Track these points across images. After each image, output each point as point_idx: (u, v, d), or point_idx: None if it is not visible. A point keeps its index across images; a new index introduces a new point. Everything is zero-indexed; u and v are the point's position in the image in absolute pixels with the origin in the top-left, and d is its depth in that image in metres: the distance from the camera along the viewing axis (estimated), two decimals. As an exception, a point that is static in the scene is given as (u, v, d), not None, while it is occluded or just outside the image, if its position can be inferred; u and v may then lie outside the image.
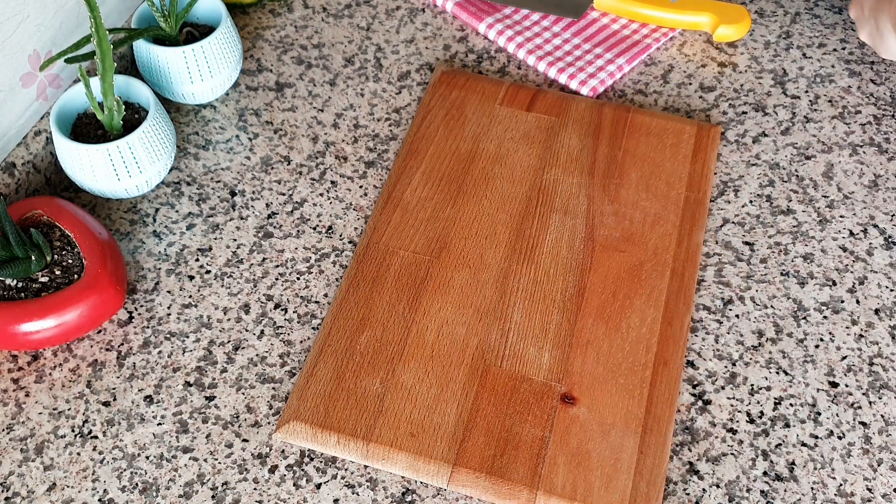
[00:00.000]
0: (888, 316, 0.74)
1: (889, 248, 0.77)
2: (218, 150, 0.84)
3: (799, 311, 0.74)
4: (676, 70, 0.91)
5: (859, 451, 0.67)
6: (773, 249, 0.77)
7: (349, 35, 0.94)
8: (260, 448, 0.67)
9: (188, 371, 0.71)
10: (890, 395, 0.69)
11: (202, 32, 0.87)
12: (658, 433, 0.66)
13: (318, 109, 0.88)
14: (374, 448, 0.66)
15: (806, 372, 0.71)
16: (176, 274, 0.76)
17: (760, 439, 0.67)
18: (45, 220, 0.73)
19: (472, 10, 0.94)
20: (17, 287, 0.69)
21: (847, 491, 0.65)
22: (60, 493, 0.65)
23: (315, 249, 0.78)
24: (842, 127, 0.86)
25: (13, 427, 0.68)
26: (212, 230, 0.79)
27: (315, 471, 0.66)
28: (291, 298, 0.75)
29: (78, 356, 0.71)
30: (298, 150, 0.84)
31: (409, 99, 0.88)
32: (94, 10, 0.73)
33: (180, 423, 0.68)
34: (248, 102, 0.88)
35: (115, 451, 0.67)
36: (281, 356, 0.72)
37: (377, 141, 0.85)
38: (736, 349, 0.72)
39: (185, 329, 0.73)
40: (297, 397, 0.68)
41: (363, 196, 0.81)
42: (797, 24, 0.95)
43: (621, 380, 0.69)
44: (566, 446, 0.65)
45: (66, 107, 0.79)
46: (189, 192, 0.81)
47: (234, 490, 0.65)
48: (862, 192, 0.81)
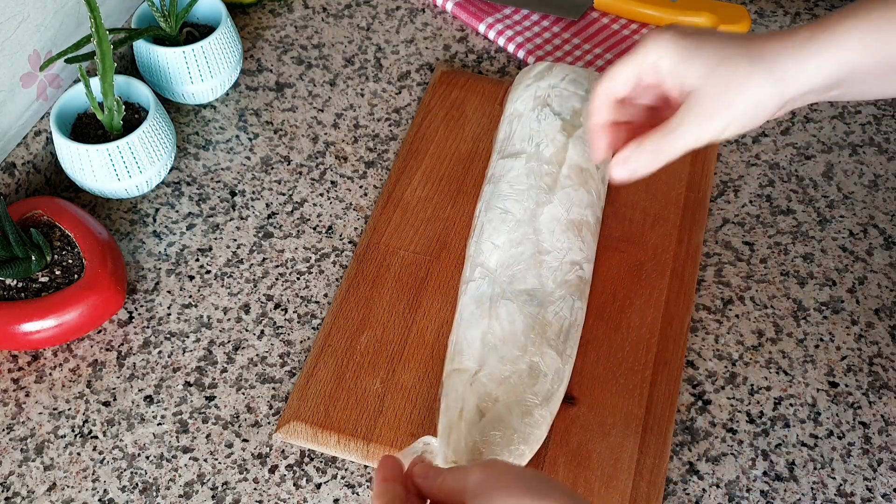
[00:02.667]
0: (888, 316, 0.74)
1: (889, 248, 0.77)
2: (218, 150, 0.84)
3: (799, 311, 0.74)
4: (676, 70, 0.91)
5: (859, 451, 0.67)
6: (773, 249, 0.77)
7: (349, 35, 0.94)
8: (260, 448, 0.67)
9: (188, 371, 0.71)
10: (890, 395, 0.69)
11: (202, 32, 0.87)
12: (658, 433, 0.66)
13: (318, 109, 0.88)
14: (374, 448, 0.66)
15: (806, 372, 0.71)
16: (176, 274, 0.76)
17: (760, 439, 0.67)
18: (45, 220, 0.73)
19: (472, 10, 0.94)
20: (17, 287, 0.69)
21: (847, 491, 0.65)
22: (60, 493, 0.65)
23: (315, 249, 0.78)
24: (842, 127, 0.86)
25: (13, 427, 0.68)
26: (212, 230, 0.79)
27: (315, 471, 0.66)
28: (291, 298, 0.75)
29: (78, 356, 0.71)
30: (298, 150, 0.84)
31: (409, 99, 0.88)
32: (94, 10, 0.73)
33: (180, 423, 0.68)
34: (248, 102, 0.88)
35: (115, 451, 0.67)
36: (281, 356, 0.72)
37: (377, 141, 0.85)
38: (736, 349, 0.72)
39: (185, 329, 0.73)
40: (297, 397, 0.68)
41: (363, 196, 0.81)
42: (797, 24, 0.95)
43: (621, 380, 0.69)
44: (566, 446, 0.65)
45: (66, 107, 0.79)
46: (189, 192, 0.81)
47: (234, 490, 0.65)
48: (862, 192, 0.81)
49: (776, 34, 0.56)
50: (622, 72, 0.58)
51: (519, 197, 0.71)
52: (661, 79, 0.57)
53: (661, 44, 0.57)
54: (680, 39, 0.56)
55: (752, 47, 0.55)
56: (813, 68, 0.55)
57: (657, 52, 0.57)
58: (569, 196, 0.71)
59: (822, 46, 0.54)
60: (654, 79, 0.58)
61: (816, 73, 0.55)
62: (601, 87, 0.60)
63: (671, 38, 0.56)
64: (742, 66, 0.55)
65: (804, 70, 0.55)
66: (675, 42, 0.56)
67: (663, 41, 0.56)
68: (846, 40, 0.54)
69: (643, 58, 0.57)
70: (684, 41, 0.56)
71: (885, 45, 0.54)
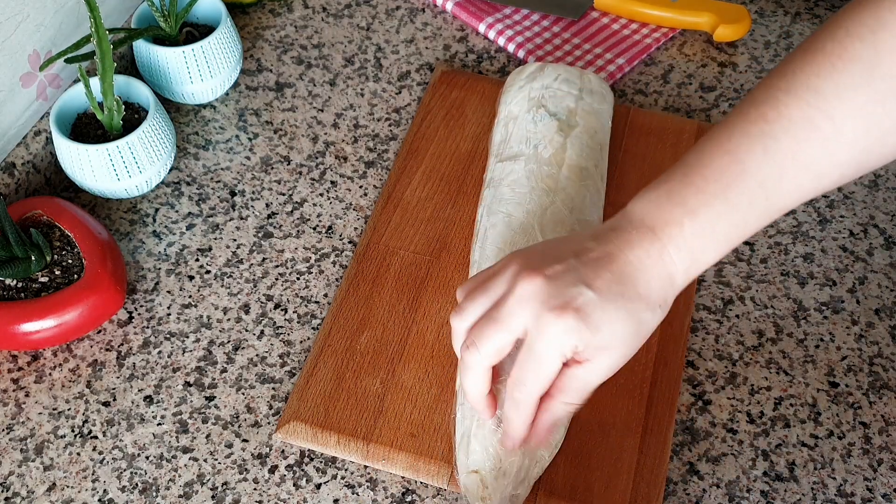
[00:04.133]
0: (888, 316, 0.74)
1: (889, 248, 0.77)
2: (218, 150, 0.84)
3: (799, 311, 0.74)
4: (676, 70, 0.91)
5: (859, 452, 0.67)
6: (773, 249, 0.77)
7: (349, 35, 0.94)
8: (260, 448, 0.67)
9: (188, 371, 0.71)
10: (890, 395, 0.69)
11: (202, 32, 0.87)
12: (658, 433, 0.66)
13: (318, 109, 0.88)
14: (374, 448, 0.66)
15: (806, 372, 0.71)
16: (176, 274, 0.76)
17: (760, 439, 0.67)
18: (45, 220, 0.73)
19: (472, 10, 0.94)
20: (17, 287, 0.69)
21: (847, 491, 0.65)
22: (60, 494, 0.65)
23: (315, 249, 0.78)
24: (842, 127, 0.86)
25: (13, 427, 0.68)
26: (212, 230, 0.79)
27: (315, 471, 0.66)
28: (291, 298, 0.75)
29: (78, 356, 0.71)
30: (298, 150, 0.84)
31: (409, 99, 0.88)
32: (94, 10, 0.73)
33: (180, 423, 0.68)
34: (248, 102, 0.88)
35: (115, 451, 0.67)
36: (281, 356, 0.72)
37: (377, 141, 0.85)
38: (736, 349, 0.72)
39: (185, 329, 0.73)
40: (297, 397, 0.68)
41: (363, 196, 0.81)
42: (797, 24, 0.95)
43: (621, 380, 0.69)
44: (566, 446, 0.65)
45: (66, 107, 0.79)
46: (189, 192, 0.81)
47: (234, 490, 0.65)
48: (862, 191, 0.81)
49: (660, 238, 0.53)
50: (495, 342, 0.54)
51: (521, 200, 0.71)
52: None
53: (532, 314, 0.53)
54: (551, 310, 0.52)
55: (641, 276, 0.53)
56: (693, 273, 0.54)
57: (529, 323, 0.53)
58: (570, 197, 0.71)
59: (710, 240, 0.53)
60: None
61: (696, 271, 0.54)
62: (474, 363, 0.55)
63: (539, 309, 0.52)
64: (640, 299, 0.53)
65: (696, 271, 0.54)
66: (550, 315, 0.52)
67: (530, 311, 0.53)
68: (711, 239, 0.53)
69: (518, 326, 0.53)
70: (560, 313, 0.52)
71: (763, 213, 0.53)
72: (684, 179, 0.54)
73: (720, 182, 0.53)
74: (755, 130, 0.53)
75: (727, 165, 0.53)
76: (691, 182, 0.53)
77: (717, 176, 0.53)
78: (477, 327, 0.55)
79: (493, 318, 0.54)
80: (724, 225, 0.53)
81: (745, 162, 0.52)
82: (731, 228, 0.53)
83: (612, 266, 0.53)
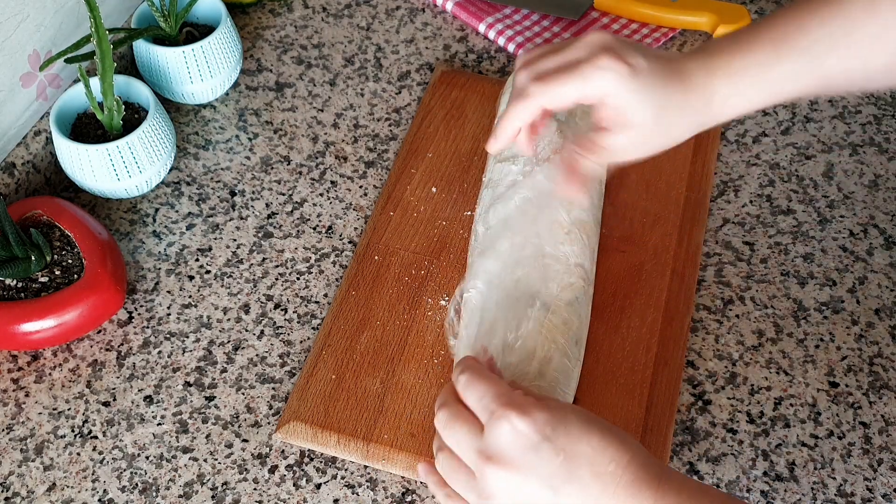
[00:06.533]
0: (888, 316, 0.74)
1: (889, 248, 0.77)
2: (218, 150, 0.84)
3: (799, 311, 0.74)
4: (676, 70, 0.91)
5: (859, 452, 0.67)
6: (774, 249, 0.77)
7: (349, 35, 0.94)
8: (260, 448, 0.67)
9: (188, 371, 0.71)
10: (890, 395, 0.69)
11: (202, 32, 0.87)
12: (658, 433, 0.66)
13: (318, 109, 0.88)
14: (374, 448, 0.66)
15: (806, 372, 0.71)
16: (176, 274, 0.76)
17: (760, 439, 0.67)
18: (45, 220, 0.73)
19: (472, 10, 0.94)
20: (17, 287, 0.69)
21: (847, 491, 0.65)
22: (60, 493, 0.65)
23: (315, 249, 0.78)
24: (842, 127, 0.86)
25: (13, 427, 0.68)
26: (212, 230, 0.79)
27: (315, 471, 0.66)
28: (291, 298, 0.75)
29: (78, 356, 0.71)
30: (298, 150, 0.84)
31: (409, 99, 0.88)
32: (94, 10, 0.73)
33: (180, 423, 0.68)
34: (248, 102, 0.88)
35: (115, 451, 0.67)
36: (281, 356, 0.72)
37: (377, 141, 0.85)
38: (736, 349, 0.72)
39: (184, 329, 0.73)
40: (297, 397, 0.68)
41: (363, 196, 0.81)
42: (797, 23, 0.95)
43: (621, 380, 0.69)
44: (566, 446, 0.65)
45: (66, 107, 0.79)
46: (189, 192, 0.81)
47: (234, 490, 0.65)
48: (862, 192, 0.81)
49: (713, 59, 0.60)
50: (564, 92, 0.60)
51: (519, 202, 0.71)
52: (601, 105, 0.60)
53: (607, 79, 0.58)
54: (627, 79, 0.58)
55: (689, 83, 0.59)
56: (744, 101, 0.60)
57: (604, 86, 0.58)
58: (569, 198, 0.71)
59: (755, 79, 0.59)
60: (590, 102, 0.60)
61: (747, 105, 0.60)
62: (540, 96, 0.60)
63: (618, 76, 0.58)
64: (680, 103, 0.60)
65: (736, 105, 0.60)
66: (622, 82, 0.58)
67: (610, 77, 0.58)
68: (777, 77, 0.59)
69: (589, 87, 0.59)
70: (632, 81, 0.58)
71: (820, 76, 0.59)
72: (748, 29, 0.61)
73: (775, 31, 0.59)
74: (816, 4, 0.59)
75: (784, 24, 0.59)
76: (751, 30, 0.60)
77: (771, 29, 0.59)
78: (552, 74, 0.60)
79: (570, 70, 0.59)
80: (767, 70, 0.59)
81: (803, 18, 0.59)
82: (774, 75, 0.59)
83: (673, 64, 0.60)
